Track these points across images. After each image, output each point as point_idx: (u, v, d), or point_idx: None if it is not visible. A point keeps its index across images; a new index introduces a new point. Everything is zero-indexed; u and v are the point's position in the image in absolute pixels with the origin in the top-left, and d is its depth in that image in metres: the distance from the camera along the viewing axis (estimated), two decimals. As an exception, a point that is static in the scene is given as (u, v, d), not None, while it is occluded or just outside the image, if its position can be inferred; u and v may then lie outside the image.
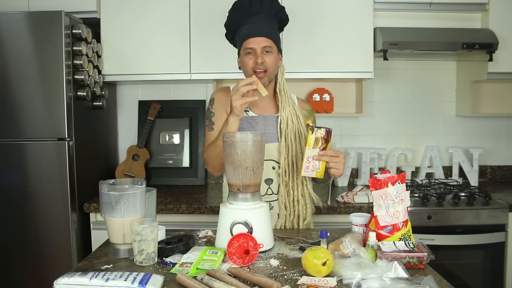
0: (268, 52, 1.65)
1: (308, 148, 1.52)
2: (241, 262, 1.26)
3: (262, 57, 1.63)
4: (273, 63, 1.66)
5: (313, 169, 1.53)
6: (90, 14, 2.44)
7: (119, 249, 1.36)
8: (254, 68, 1.64)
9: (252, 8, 1.67)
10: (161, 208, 2.20)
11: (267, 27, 1.66)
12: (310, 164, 1.53)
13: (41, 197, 2.15)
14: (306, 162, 1.53)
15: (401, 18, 2.67)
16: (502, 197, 2.40)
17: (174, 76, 2.49)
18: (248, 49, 1.65)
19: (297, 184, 1.69)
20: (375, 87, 2.88)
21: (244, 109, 1.57)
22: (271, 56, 1.65)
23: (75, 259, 2.18)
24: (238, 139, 1.40)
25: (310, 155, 1.52)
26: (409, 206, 1.38)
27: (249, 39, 1.64)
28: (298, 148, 1.69)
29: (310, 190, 1.72)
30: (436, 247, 2.13)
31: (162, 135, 2.79)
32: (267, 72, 1.65)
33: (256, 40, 1.63)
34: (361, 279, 1.12)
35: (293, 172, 1.68)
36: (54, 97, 2.12)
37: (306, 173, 1.54)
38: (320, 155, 1.52)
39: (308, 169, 1.53)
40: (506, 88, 2.89)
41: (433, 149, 2.84)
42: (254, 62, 1.64)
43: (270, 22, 1.69)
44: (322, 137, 1.52)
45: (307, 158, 1.53)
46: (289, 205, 1.69)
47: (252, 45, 1.64)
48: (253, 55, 1.64)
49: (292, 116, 1.71)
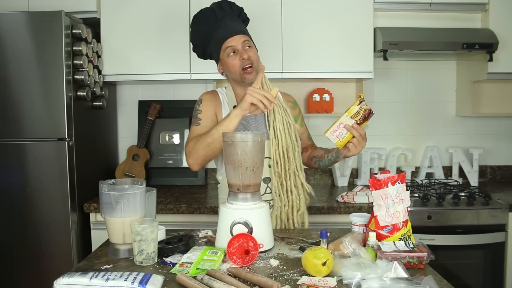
0: (249, 47, 1.68)
1: (347, 115, 1.54)
2: (241, 262, 1.26)
3: (246, 52, 1.66)
4: (256, 56, 1.70)
5: (338, 136, 1.55)
6: (90, 14, 2.44)
7: (119, 249, 1.36)
8: (242, 66, 1.66)
9: (216, 15, 1.70)
10: (161, 208, 2.20)
11: (238, 25, 1.71)
12: (339, 130, 1.55)
13: (41, 197, 2.15)
14: (337, 126, 1.55)
15: (401, 18, 2.68)
16: (502, 197, 2.40)
17: (174, 76, 2.49)
18: (229, 48, 1.67)
19: (289, 174, 1.70)
20: (375, 87, 2.88)
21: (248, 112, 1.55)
22: (253, 50, 1.69)
23: (75, 259, 2.18)
24: (238, 139, 1.40)
25: (344, 122, 1.54)
26: (409, 206, 1.38)
27: (227, 40, 1.67)
28: (288, 139, 1.70)
29: (303, 180, 1.73)
30: (436, 247, 2.13)
31: (162, 135, 2.79)
32: (253, 65, 1.67)
33: (235, 39, 1.66)
34: (361, 279, 1.12)
35: (284, 163, 1.69)
36: (54, 97, 2.12)
37: (331, 136, 1.56)
38: (354, 127, 1.54)
39: (334, 133, 1.55)
40: (506, 88, 2.89)
41: (433, 149, 2.84)
42: (240, 60, 1.66)
43: (238, 21, 1.74)
44: (364, 113, 1.53)
45: (340, 123, 1.55)
46: (283, 196, 1.70)
47: (233, 43, 1.66)
48: (237, 54, 1.67)
49: (279, 108, 1.72)
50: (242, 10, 1.79)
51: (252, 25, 1.88)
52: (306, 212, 1.75)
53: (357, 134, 1.55)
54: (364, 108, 1.53)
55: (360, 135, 1.55)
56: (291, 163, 1.70)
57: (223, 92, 1.81)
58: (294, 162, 1.71)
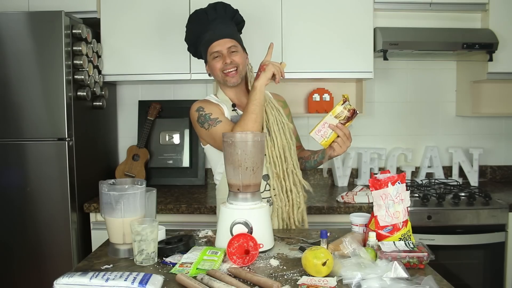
0: (234, 51, 1.70)
1: (331, 115, 1.56)
2: (241, 262, 1.26)
3: (229, 56, 1.69)
4: (242, 61, 1.72)
5: (323, 136, 1.58)
6: (90, 14, 2.44)
7: (119, 249, 1.36)
8: (223, 69, 1.69)
9: (208, 16, 1.72)
10: (161, 208, 2.20)
11: (227, 29, 1.72)
12: (323, 129, 1.57)
13: (41, 197, 2.15)
14: (321, 126, 1.57)
15: (401, 18, 2.67)
16: (502, 197, 2.40)
17: (174, 76, 2.49)
18: (214, 53, 1.70)
19: (288, 173, 1.70)
20: (375, 87, 2.88)
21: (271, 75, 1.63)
22: (238, 54, 1.71)
23: (75, 259, 2.18)
24: (238, 139, 1.40)
25: (329, 121, 1.57)
26: (409, 206, 1.38)
27: (213, 44, 1.70)
28: (283, 139, 1.70)
29: (300, 178, 1.73)
30: (436, 247, 2.13)
31: (162, 135, 2.79)
32: (238, 69, 1.70)
33: (220, 43, 1.69)
34: (361, 279, 1.12)
35: (282, 163, 1.69)
36: (54, 97, 2.12)
37: (316, 135, 1.58)
38: (338, 126, 1.56)
39: (319, 133, 1.57)
40: (506, 88, 2.89)
41: (433, 149, 2.84)
42: (222, 64, 1.69)
43: (229, 24, 1.74)
44: (348, 113, 1.55)
45: (324, 123, 1.57)
46: (283, 196, 1.70)
47: (218, 48, 1.69)
48: (221, 58, 1.70)
49: (271, 109, 1.73)
50: (236, 12, 1.79)
51: (252, 25, 1.88)
52: (305, 209, 1.76)
53: (342, 133, 1.58)
54: (348, 108, 1.56)
55: (344, 135, 1.58)
56: (288, 163, 1.70)
57: (214, 97, 1.81)
58: (291, 161, 1.71)
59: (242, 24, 1.86)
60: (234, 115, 1.73)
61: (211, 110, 1.71)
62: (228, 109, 1.74)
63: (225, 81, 1.72)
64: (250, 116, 1.59)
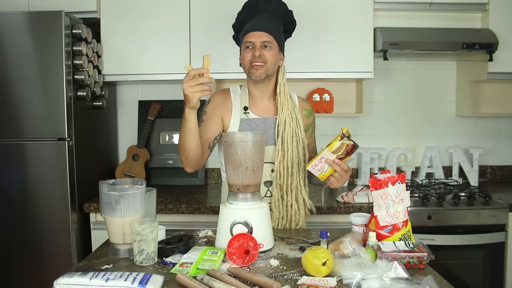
0: (268, 47, 1.65)
1: (328, 150, 1.50)
2: (241, 262, 1.26)
3: (260, 50, 1.64)
4: (272, 58, 1.66)
5: (320, 170, 1.52)
6: (90, 14, 2.44)
7: (119, 249, 1.36)
8: (252, 61, 1.64)
9: (258, 8, 1.69)
10: (161, 208, 2.20)
11: (269, 24, 1.67)
12: (320, 164, 1.51)
13: (41, 197, 2.15)
14: (318, 160, 1.51)
15: (401, 18, 2.67)
16: (502, 197, 2.40)
17: (174, 76, 2.49)
18: (247, 43, 1.66)
19: (292, 189, 1.68)
20: (375, 87, 2.88)
21: (198, 101, 1.49)
22: (271, 51, 1.65)
23: (75, 259, 2.18)
24: (238, 139, 1.40)
25: (326, 156, 1.50)
26: (409, 206, 1.38)
27: (249, 33, 1.66)
28: (294, 152, 1.67)
29: (305, 196, 1.70)
30: (436, 247, 2.13)
31: (162, 135, 2.79)
32: (265, 66, 1.64)
33: (256, 34, 1.65)
34: (361, 279, 1.12)
35: (287, 176, 1.67)
36: (54, 97, 2.12)
37: (312, 169, 1.53)
38: (335, 162, 1.49)
39: (316, 167, 1.52)
40: (506, 88, 2.89)
41: (433, 149, 2.84)
42: (251, 55, 1.64)
43: (273, 21, 1.69)
44: (347, 148, 1.49)
45: (321, 158, 1.51)
46: (282, 210, 1.68)
47: (252, 39, 1.65)
48: (252, 49, 1.65)
49: (291, 120, 1.69)
50: (289, 13, 1.74)
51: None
52: (305, 225, 1.74)
53: (339, 169, 1.50)
54: (347, 143, 1.49)
55: (342, 170, 1.51)
56: (293, 179, 1.67)
57: (236, 91, 1.77)
58: (298, 177, 1.68)
59: (293, 26, 1.79)
60: (244, 118, 1.70)
61: (210, 109, 1.71)
62: (240, 109, 1.71)
63: (250, 73, 1.67)
64: (179, 144, 1.60)
